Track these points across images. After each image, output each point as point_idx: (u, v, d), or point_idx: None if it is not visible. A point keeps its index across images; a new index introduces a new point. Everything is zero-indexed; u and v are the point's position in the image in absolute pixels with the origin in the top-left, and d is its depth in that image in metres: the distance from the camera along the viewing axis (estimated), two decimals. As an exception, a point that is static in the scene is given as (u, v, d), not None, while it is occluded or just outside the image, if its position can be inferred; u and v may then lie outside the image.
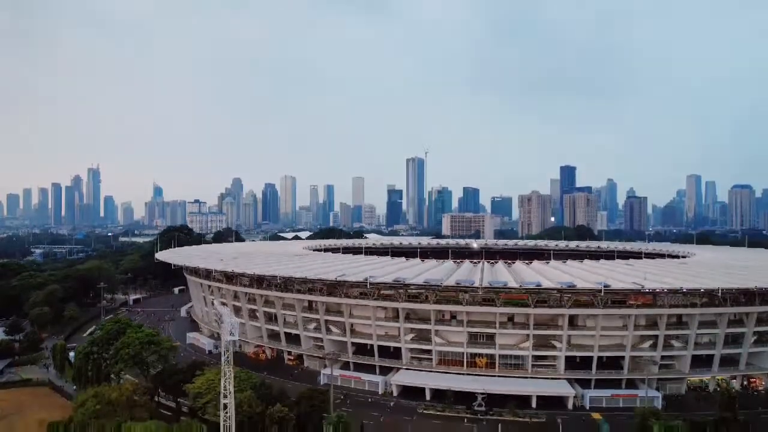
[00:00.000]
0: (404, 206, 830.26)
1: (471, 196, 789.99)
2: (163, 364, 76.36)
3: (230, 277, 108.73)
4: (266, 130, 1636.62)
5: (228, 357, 50.54)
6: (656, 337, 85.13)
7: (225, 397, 51.59)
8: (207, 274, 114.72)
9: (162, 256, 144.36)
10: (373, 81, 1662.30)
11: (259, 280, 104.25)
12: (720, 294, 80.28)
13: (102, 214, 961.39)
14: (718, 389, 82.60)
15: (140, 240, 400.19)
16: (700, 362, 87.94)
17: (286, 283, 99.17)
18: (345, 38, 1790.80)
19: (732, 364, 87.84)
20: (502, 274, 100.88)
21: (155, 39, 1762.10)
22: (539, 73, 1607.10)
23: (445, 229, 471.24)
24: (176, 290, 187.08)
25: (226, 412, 51.64)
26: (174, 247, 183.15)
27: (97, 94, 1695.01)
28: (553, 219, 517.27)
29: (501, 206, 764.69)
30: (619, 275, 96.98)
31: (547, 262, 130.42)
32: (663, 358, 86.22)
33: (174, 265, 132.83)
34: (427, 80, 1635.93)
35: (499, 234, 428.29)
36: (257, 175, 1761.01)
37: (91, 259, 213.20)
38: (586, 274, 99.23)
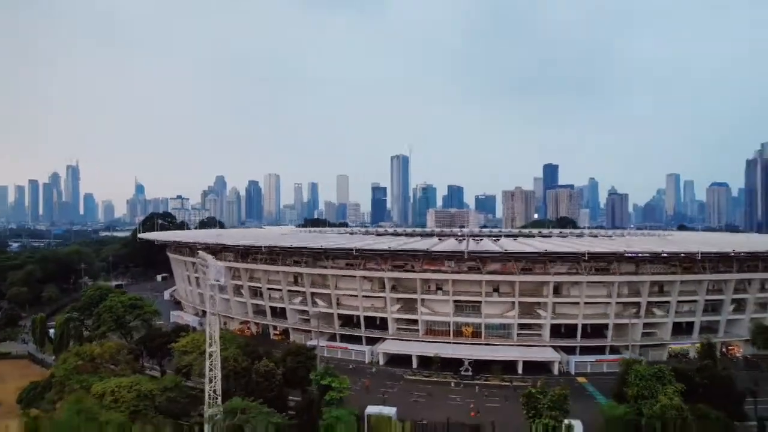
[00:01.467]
0: (389, 204, 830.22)
1: (455, 193, 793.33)
2: (146, 329, 75.21)
3: (215, 252, 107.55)
4: (250, 128, 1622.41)
5: (213, 302, 49.99)
6: (639, 304, 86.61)
7: (210, 345, 50.91)
8: (191, 250, 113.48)
9: (145, 235, 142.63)
10: (358, 79, 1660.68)
11: (243, 255, 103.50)
12: (699, 257, 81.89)
13: (81, 211, 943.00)
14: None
15: (122, 235, 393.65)
16: (681, 330, 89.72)
17: (272, 255, 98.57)
18: (329, 36, 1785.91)
19: (711, 332, 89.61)
20: (488, 246, 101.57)
21: (136, 35, 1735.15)
22: (522, 72, 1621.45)
23: (430, 225, 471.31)
24: (159, 277, 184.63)
25: (212, 362, 50.96)
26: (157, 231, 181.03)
27: (77, 90, 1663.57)
28: (536, 215, 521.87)
29: (485, 204, 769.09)
30: (603, 245, 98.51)
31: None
32: (645, 326, 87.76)
33: (157, 242, 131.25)
34: (411, 78, 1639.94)
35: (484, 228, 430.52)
36: (241, 173, 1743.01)
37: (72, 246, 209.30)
38: (570, 245, 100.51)
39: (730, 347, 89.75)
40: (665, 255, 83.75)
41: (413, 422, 52.21)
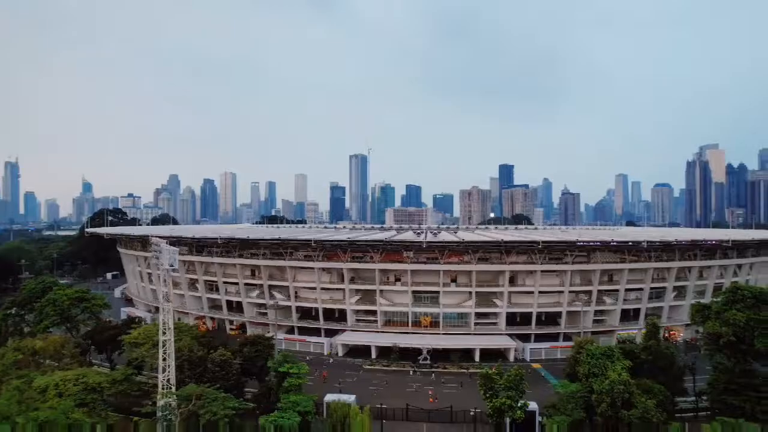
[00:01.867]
0: (348, 203, 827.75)
1: (414, 192, 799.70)
2: (95, 322, 71.88)
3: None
4: (206, 128, 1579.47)
5: (167, 290, 48.47)
6: (590, 293, 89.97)
7: (164, 334, 49.31)
8: (143, 245, 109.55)
9: (95, 230, 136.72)
10: (317, 78, 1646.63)
11: (199, 248, 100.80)
12: (645, 245, 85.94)
13: (22, 210, 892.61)
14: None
15: (67, 234, 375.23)
16: (629, 317, 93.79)
17: (228, 248, 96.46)
18: (289, 35, 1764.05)
19: (655, 318, 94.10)
20: (447, 237, 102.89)
21: (86, 27, 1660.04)
22: (481, 75, 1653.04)
23: (389, 223, 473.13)
24: (109, 275, 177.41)
25: (165, 350, 49.37)
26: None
27: (19, 84, 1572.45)
28: (492, 214, 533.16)
29: (443, 203, 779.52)
30: (557, 236, 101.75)
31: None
32: (596, 313, 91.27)
33: (107, 236, 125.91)
34: (369, 79, 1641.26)
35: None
36: (196, 172, 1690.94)
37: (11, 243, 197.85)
38: (525, 236, 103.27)
39: (671, 332, 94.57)
40: (614, 243, 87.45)
41: (371, 407, 52.26)
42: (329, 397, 57.19)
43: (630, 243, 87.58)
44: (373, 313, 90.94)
